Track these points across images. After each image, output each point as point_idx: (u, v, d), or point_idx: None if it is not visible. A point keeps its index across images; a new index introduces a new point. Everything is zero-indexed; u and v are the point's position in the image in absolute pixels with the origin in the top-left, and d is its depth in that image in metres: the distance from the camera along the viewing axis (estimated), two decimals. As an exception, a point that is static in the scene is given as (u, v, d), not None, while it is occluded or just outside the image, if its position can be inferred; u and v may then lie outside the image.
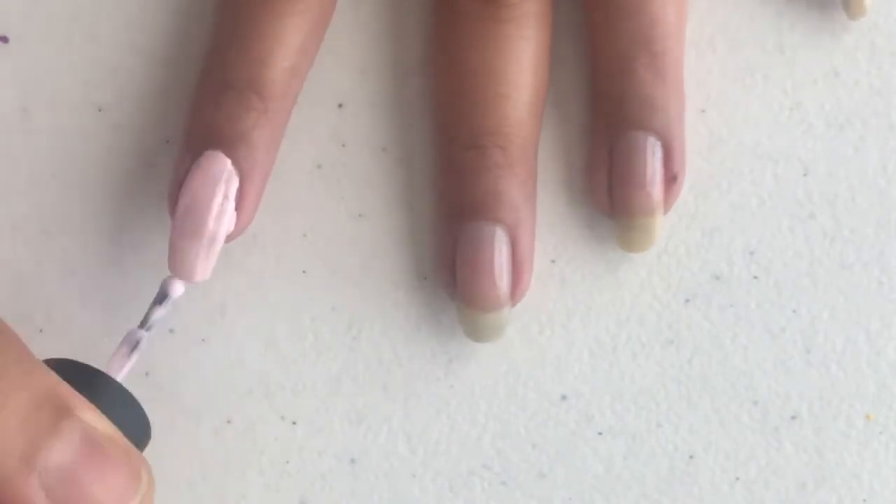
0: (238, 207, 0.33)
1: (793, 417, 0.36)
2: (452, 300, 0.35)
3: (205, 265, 0.33)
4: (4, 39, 0.36)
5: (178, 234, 0.33)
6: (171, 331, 0.36)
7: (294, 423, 0.36)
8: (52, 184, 0.36)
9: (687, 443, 0.36)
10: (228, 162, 0.33)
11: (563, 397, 0.36)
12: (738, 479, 0.36)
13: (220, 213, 0.33)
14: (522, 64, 0.34)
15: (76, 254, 0.36)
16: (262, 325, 0.36)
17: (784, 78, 0.36)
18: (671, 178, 0.34)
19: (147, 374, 0.36)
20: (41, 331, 0.36)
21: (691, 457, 0.36)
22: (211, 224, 0.33)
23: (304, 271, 0.36)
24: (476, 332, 0.35)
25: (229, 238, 0.33)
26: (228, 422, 0.36)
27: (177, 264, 0.33)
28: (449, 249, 0.34)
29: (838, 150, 0.36)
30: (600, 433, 0.36)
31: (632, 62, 0.34)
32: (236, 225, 0.33)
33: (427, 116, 0.36)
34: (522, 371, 0.36)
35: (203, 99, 0.34)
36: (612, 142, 0.34)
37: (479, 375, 0.36)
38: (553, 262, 0.36)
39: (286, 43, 0.33)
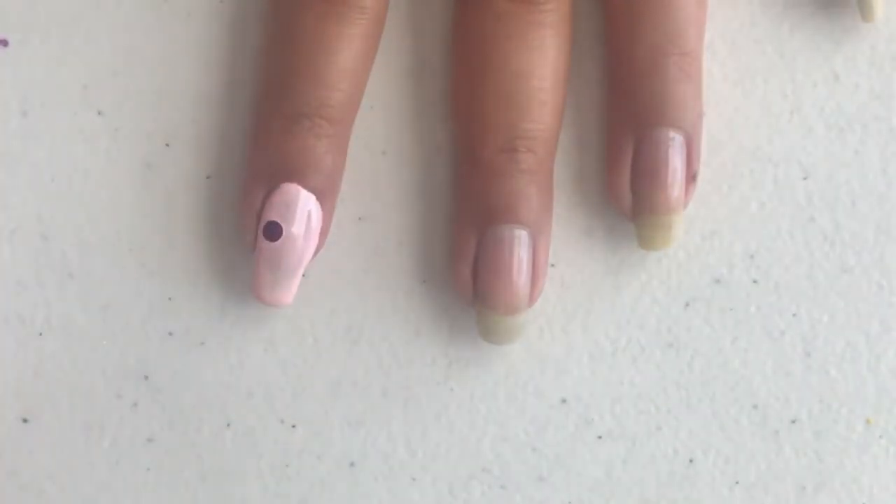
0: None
1: (793, 421, 0.36)
2: (469, 304, 0.35)
3: (292, 290, 0.34)
4: (4, 43, 0.36)
5: (266, 266, 0.34)
6: (170, 334, 0.36)
7: (293, 426, 0.36)
8: (51, 187, 0.36)
9: (687, 446, 0.36)
10: (306, 193, 0.34)
11: (563, 401, 0.36)
12: (737, 482, 0.36)
13: (305, 244, 0.34)
14: (552, 68, 0.34)
15: (75, 257, 0.36)
16: (262, 328, 0.36)
17: (784, 81, 0.36)
18: (691, 177, 0.34)
19: (146, 377, 0.36)
20: (40, 334, 0.36)
21: (691, 460, 0.36)
22: (297, 254, 0.34)
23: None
24: (495, 335, 0.35)
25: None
26: (228, 425, 0.36)
27: (266, 294, 0.34)
28: (468, 251, 0.34)
29: (838, 153, 0.36)
30: (600, 437, 0.36)
31: (664, 59, 0.34)
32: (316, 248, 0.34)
33: (427, 119, 0.36)
34: (522, 374, 0.36)
35: (274, 128, 0.34)
36: (636, 138, 0.34)
37: (479, 379, 0.36)
38: (553, 265, 0.36)
39: (350, 66, 0.34)
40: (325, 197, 0.34)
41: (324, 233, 0.34)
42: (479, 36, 0.34)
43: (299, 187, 0.34)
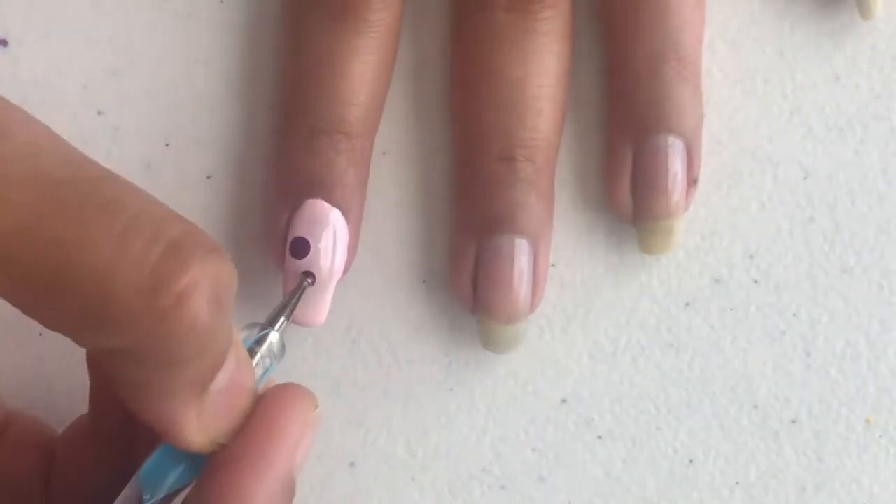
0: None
1: (793, 421, 0.36)
2: (471, 312, 0.35)
3: (324, 310, 0.34)
4: (4, 43, 0.36)
5: (295, 284, 0.34)
6: (170, 334, 0.36)
7: (293, 426, 0.36)
8: (51, 187, 0.36)
9: (686, 446, 0.36)
10: (331, 208, 0.34)
11: (563, 401, 0.36)
12: (737, 483, 0.36)
13: (333, 259, 0.33)
14: (550, 75, 0.34)
15: (75, 257, 0.36)
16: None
17: (784, 81, 0.36)
18: (692, 181, 0.34)
19: (146, 377, 0.36)
20: (40, 334, 0.36)
21: (691, 461, 0.36)
22: (325, 271, 0.33)
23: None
24: (497, 344, 0.35)
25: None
26: (228, 425, 0.36)
27: (297, 314, 0.34)
28: (468, 260, 0.34)
29: (838, 153, 0.36)
30: (600, 437, 0.36)
31: (662, 64, 0.34)
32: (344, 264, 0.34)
33: (427, 119, 0.36)
34: (522, 374, 0.36)
35: (293, 146, 0.34)
36: (636, 145, 0.34)
37: (479, 379, 0.36)
38: (553, 265, 0.36)
39: (367, 79, 0.34)
40: (351, 211, 0.34)
41: (352, 248, 0.34)
42: (477, 45, 0.34)
43: (324, 202, 0.34)
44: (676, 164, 0.34)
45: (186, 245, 0.26)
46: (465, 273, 0.35)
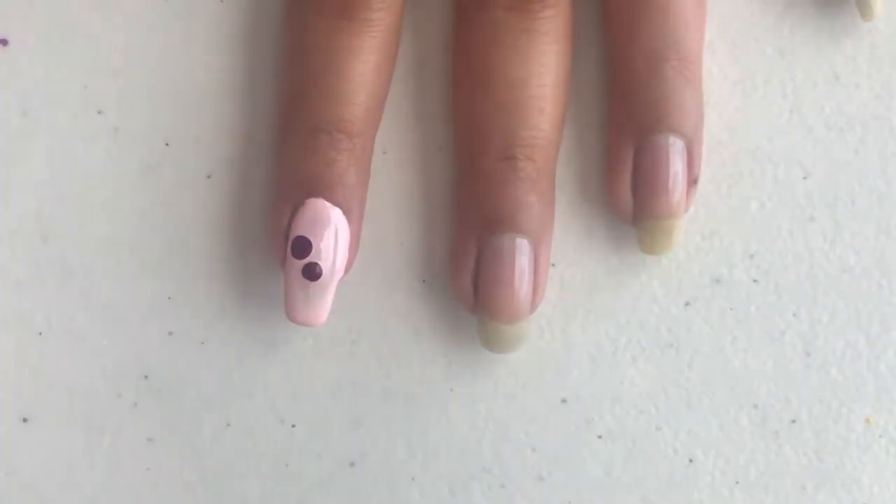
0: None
1: (793, 421, 0.36)
2: (471, 312, 0.35)
3: (325, 309, 0.34)
4: (4, 42, 0.36)
5: (296, 283, 0.34)
6: (170, 333, 0.36)
7: (293, 426, 0.36)
8: (51, 187, 0.36)
9: (686, 446, 0.36)
10: (332, 207, 0.34)
11: (563, 401, 0.36)
12: (737, 482, 0.36)
13: (334, 258, 0.34)
14: (550, 75, 0.34)
15: (75, 258, 0.36)
16: (262, 328, 0.36)
17: (784, 81, 0.36)
18: (692, 181, 0.35)
19: (146, 377, 0.36)
20: (40, 334, 0.36)
21: (691, 460, 0.36)
22: (326, 270, 0.33)
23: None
24: (498, 344, 0.35)
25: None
26: (228, 425, 0.36)
27: (298, 314, 0.34)
28: (469, 259, 0.34)
29: (838, 153, 0.36)
30: (600, 437, 0.36)
31: (663, 64, 0.34)
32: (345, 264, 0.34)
33: (427, 119, 0.36)
34: (522, 374, 0.36)
35: (294, 146, 0.34)
36: (637, 144, 0.34)
37: (479, 379, 0.36)
38: (553, 265, 0.36)
39: (367, 79, 0.34)
40: (352, 210, 0.34)
41: (353, 247, 0.34)
42: (478, 44, 0.34)
43: (325, 202, 0.34)
44: (677, 164, 0.34)
45: None
46: (466, 273, 0.35)
